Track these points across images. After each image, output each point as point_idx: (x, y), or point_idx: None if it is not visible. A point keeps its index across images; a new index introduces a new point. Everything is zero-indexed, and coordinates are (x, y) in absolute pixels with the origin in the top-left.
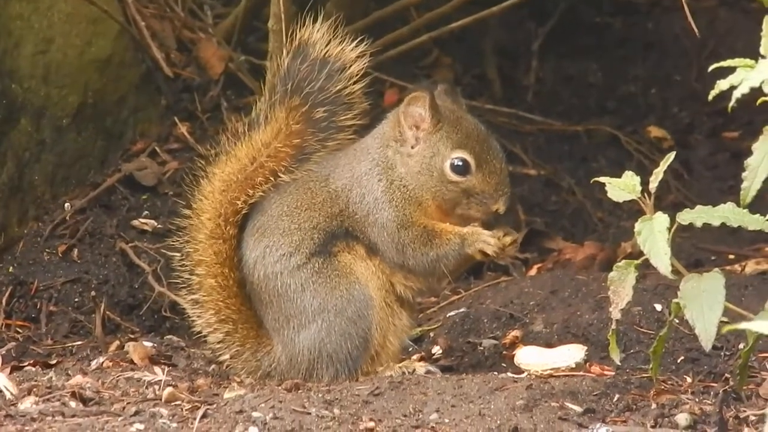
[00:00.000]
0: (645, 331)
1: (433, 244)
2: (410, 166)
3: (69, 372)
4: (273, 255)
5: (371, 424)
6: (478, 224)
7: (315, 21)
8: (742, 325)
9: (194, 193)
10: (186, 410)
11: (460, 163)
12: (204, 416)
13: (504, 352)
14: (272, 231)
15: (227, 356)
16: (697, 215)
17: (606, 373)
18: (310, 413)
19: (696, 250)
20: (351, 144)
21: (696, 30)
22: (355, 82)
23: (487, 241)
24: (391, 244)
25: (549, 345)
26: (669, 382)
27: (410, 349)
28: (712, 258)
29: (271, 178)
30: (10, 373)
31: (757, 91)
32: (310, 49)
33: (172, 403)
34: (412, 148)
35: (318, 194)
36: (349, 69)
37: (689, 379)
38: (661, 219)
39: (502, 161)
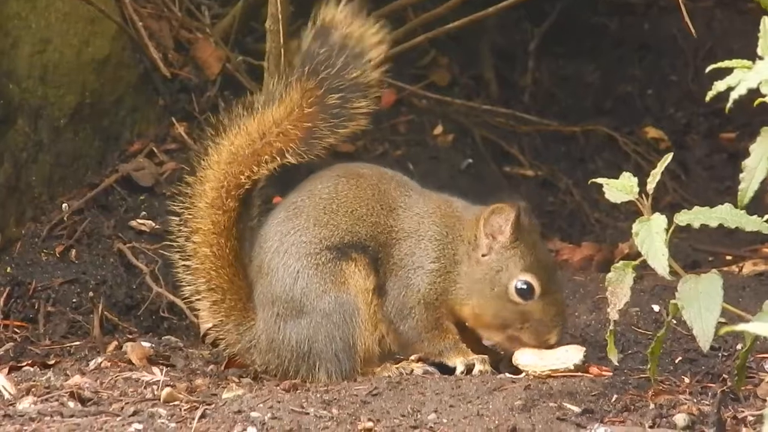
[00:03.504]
0: (643, 331)
1: (433, 333)
2: (473, 271)
3: (67, 372)
4: (295, 236)
5: (369, 424)
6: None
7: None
8: (740, 327)
9: (200, 160)
10: (184, 410)
11: (525, 287)
12: (202, 416)
13: (502, 353)
14: (308, 216)
15: (209, 325)
16: (694, 216)
17: (604, 373)
18: (308, 413)
19: (693, 251)
20: (433, 192)
21: (693, 31)
22: (372, 70)
23: (462, 362)
24: (400, 305)
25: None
26: (667, 383)
27: None
28: (710, 259)
29: (277, 158)
30: (9, 374)
31: (754, 92)
32: (332, 31)
33: (171, 404)
34: (483, 256)
35: (374, 215)
36: (368, 55)
37: (687, 380)
38: (659, 220)
39: (563, 295)
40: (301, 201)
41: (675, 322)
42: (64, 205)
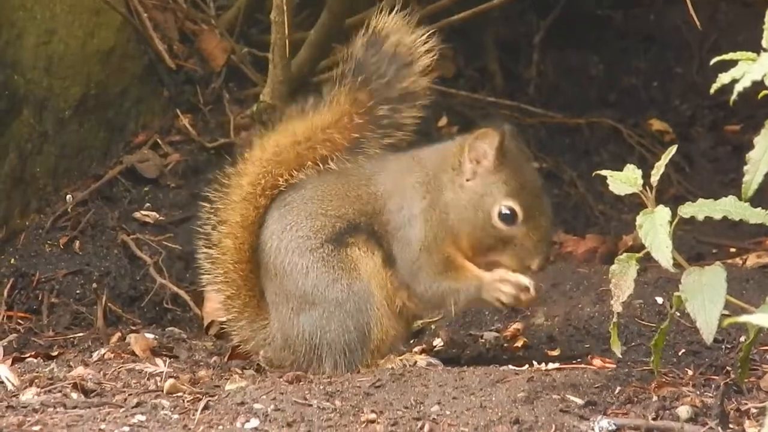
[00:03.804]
0: (646, 324)
1: (448, 276)
2: (458, 197)
3: (70, 363)
4: (292, 233)
5: (372, 416)
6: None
7: (390, 10)
8: (743, 318)
9: (245, 154)
10: (187, 402)
11: (508, 212)
12: (205, 408)
13: (505, 345)
14: (299, 211)
15: (223, 318)
16: (698, 208)
17: (607, 365)
18: (311, 405)
19: (697, 243)
20: (403, 151)
21: (698, 23)
22: (421, 78)
23: (504, 291)
24: (409, 263)
25: (550, 338)
26: (670, 375)
27: (411, 342)
28: (714, 251)
29: (320, 164)
30: (12, 365)
31: (758, 85)
32: (384, 40)
33: (174, 395)
34: (467, 180)
35: (355, 189)
36: (417, 63)
37: (690, 372)
38: (663, 212)
39: (549, 221)
40: (290, 197)
41: (678, 314)
42: (68, 197)
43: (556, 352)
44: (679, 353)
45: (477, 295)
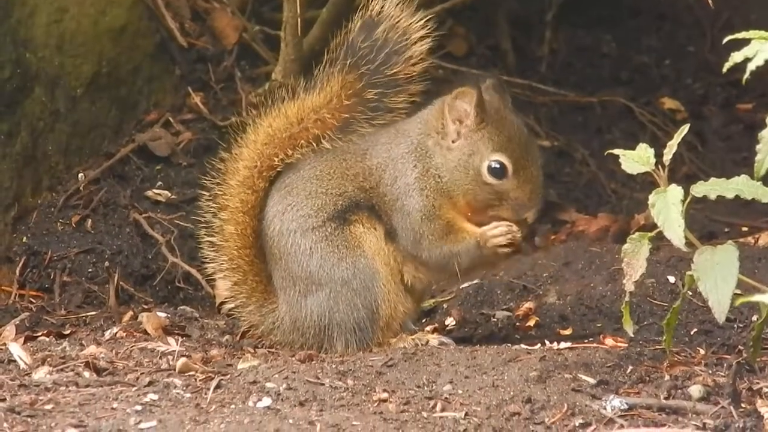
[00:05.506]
0: (658, 303)
1: (448, 239)
2: (447, 160)
3: (83, 342)
4: (293, 213)
5: (384, 395)
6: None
7: None
8: (756, 297)
9: (237, 138)
10: (200, 381)
11: (498, 166)
12: (218, 387)
13: (517, 324)
14: (299, 191)
15: (232, 305)
16: (710, 187)
17: (619, 344)
18: (323, 384)
19: (709, 222)
20: (394, 123)
21: (710, 1)
22: (413, 65)
23: (497, 234)
24: (411, 233)
25: (562, 317)
26: (682, 354)
27: (423, 321)
28: (726, 230)
29: (313, 143)
30: (24, 343)
31: None
32: (378, 24)
33: (186, 374)
34: (453, 142)
35: (353, 167)
36: (410, 50)
37: (702, 351)
38: (675, 191)
39: (539, 169)
40: (289, 179)
41: (691, 293)
42: (80, 175)
43: (568, 332)
44: (692, 332)
45: (477, 251)
